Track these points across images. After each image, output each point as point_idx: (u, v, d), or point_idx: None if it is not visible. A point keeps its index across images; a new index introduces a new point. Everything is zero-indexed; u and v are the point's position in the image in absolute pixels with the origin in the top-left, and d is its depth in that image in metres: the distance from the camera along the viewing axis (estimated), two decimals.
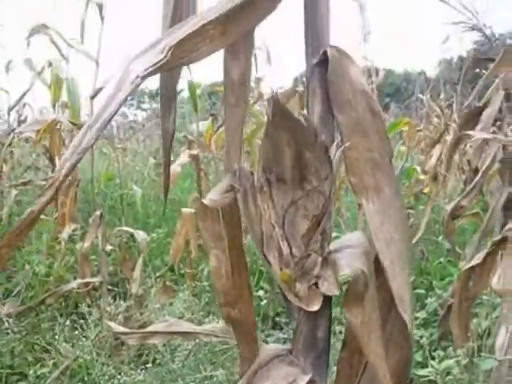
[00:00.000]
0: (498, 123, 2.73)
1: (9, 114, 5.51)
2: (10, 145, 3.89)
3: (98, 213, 3.14)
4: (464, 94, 5.56)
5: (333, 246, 0.87)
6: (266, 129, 0.78)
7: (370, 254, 0.86)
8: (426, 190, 4.34)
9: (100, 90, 2.96)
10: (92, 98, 3.00)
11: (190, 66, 3.04)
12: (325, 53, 0.83)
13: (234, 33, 0.81)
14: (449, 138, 5.74)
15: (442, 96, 6.75)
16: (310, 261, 0.83)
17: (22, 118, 7.44)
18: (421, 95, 7.26)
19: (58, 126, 3.95)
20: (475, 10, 3.00)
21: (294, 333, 0.88)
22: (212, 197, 0.82)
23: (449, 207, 2.73)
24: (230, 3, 0.79)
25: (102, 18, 3.03)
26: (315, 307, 0.83)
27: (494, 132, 2.85)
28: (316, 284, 0.83)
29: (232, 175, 0.82)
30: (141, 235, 3.17)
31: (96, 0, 3.07)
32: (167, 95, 1.03)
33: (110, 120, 0.75)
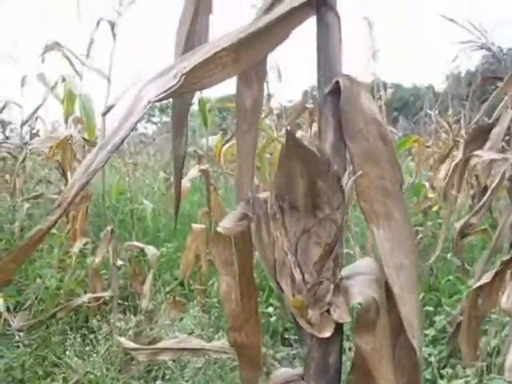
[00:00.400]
0: (507, 138, 2.73)
1: (22, 127, 5.55)
2: (23, 161, 3.91)
3: (109, 228, 3.15)
4: (472, 109, 5.56)
5: (344, 272, 0.87)
6: (279, 159, 0.79)
7: (380, 280, 0.87)
8: (435, 208, 4.33)
9: (112, 107, 2.98)
10: (104, 114, 3.03)
11: None
12: (337, 82, 0.84)
13: (247, 61, 0.82)
14: (457, 153, 5.75)
15: (450, 112, 6.75)
16: (323, 288, 0.83)
17: (35, 131, 7.51)
18: (429, 111, 7.26)
19: (70, 141, 3.98)
20: (483, 28, 3.01)
21: (306, 358, 0.88)
22: (225, 225, 0.83)
23: (458, 225, 2.72)
24: (243, 32, 0.80)
25: (114, 36, 3.06)
26: (327, 334, 0.83)
27: (502, 147, 2.85)
28: (328, 311, 0.84)
29: (245, 203, 0.83)
30: (151, 250, 3.18)
31: (108, 18, 3.10)
32: (179, 119, 1.04)
33: (121, 143, 0.76)
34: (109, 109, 2.98)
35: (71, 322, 3.54)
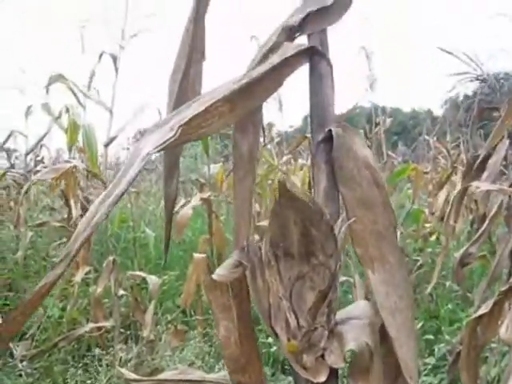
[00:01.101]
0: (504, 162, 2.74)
1: (26, 156, 5.58)
2: (26, 192, 3.93)
3: (110, 258, 3.15)
4: (471, 136, 5.58)
5: (339, 315, 0.87)
6: (273, 208, 0.79)
7: (375, 324, 0.87)
8: (434, 235, 4.32)
9: (114, 138, 3.01)
10: (106, 145, 3.05)
11: None
12: (329, 130, 0.85)
13: (243, 110, 0.83)
14: (456, 178, 5.76)
15: (448, 138, 6.78)
16: (317, 333, 0.83)
17: (39, 158, 7.55)
18: (427, 137, 7.29)
19: (73, 170, 3.99)
20: (478, 59, 3.03)
21: None
22: (220, 272, 0.83)
23: (457, 255, 2.72)
24: (238, 83, 0.81)
25: (116, 69, 3.09)
26: (322, 379, 0.83)
27: (501, 171, 2.86)
28: (322, 356, 0.84)
29: (240, 251, 0.83)
30: (153, 280, 3.18)
31: (110, 51, 3.14)
32: (170, 164, 1.05)
33: (122, 195, 0.77)
34: (111, 140, 3.01)
35: (73, 351, 3.53)
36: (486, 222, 2.65)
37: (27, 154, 5.49)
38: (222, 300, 0.87)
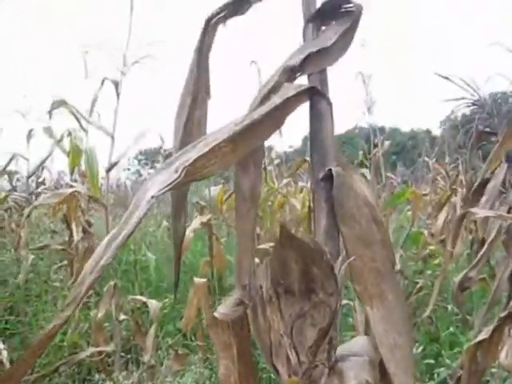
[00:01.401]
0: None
1: (28, 179, 5.59)
2: (28, 216, 3.94)
3: (112, 283, 3.15)
4: (470, 157, 5.59)
5: (339, 351, 0.88)
6: (274, 247, 0.80)
7: (374, 360, 0.87)
8: (434, 257, 4.31)
9: (115, 163, 3.02)
10: (108, 171, 3.06)
11: None
12: (330, 169, 0.86)
13: (245, 149, 0.84)
14: (455, 199, 5.76)
15: (447, 159, 6.80)
16: (318, 370, 0.83)
17: (41, 180, 7.56)
18: (426, 158, 7.31)
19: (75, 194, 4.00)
20: (475, 84, 3.06)
21: None
22: (222, 310, 0.84)
23: (457, 279, 2.72)
24: (240, 124, 0.82)
25: (118, 95, 3.11)
26: None
27: (501, 192, 2.86)
28: None
29: (242, 289, 0.84)
30: (153, 304, 3.17)
31: (112, 77, 3.16)
32: (178, 201, 1.06)
33: (129, 236, 0.78)
34: (112, 165, 3.02)
35: (74, 376, 3.50)
36: (485, 246, 2.65)
37: (29, 177, 5.50)
38: (223, 338, 0.87)
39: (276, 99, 0.85)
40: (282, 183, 4.88)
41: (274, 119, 0.86)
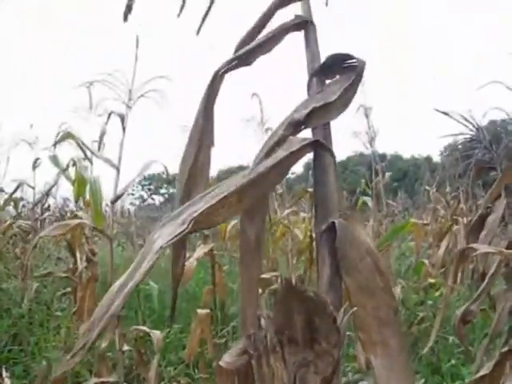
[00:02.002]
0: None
1: (34, 208, 5.62)
2: (35, 246, 3.95)
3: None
4: (471, 187, 5.61)
5: None
6: (277, 299, 0.82)
7: None
8: (436, 288, 4.31)
9: (120, 195, 3.04)
10: (113, 203, 3.08)
11: None
12: (333, 222, 0.88)
13: (250, 200, 0.86)
14: (457, 228, 5.76)
15: (448, 188, 6.81)
16: None
17: (46, 206, 7.59)
18: (427, 187, 7.33)
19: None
20: (474, 119, 3.09)
21: None
22: (227, 359, 0.85)
23: (459, 312, 2.72)
24: (246, 177, 0.85)
25: (124, 129, 3.14)
26: None
27: (502, 219, 2.87)
28: None
29: (247, 339, 0.85)
30: (156, 335, 3.16)
31: (118, 111, 3.19)
32: (178, 245, 1.07)
33: (137, 286, 0.79)
34: (117, 197, 3.04)
35: None
36: (486, 280, 2.66)
37: (34, 205, 5.53)
38: None
39: (281, 153, 0.87)
40: (285, 213, 4.90)
41: (278, 171, 0.88)
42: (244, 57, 1.02)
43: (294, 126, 0.91)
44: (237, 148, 5.72)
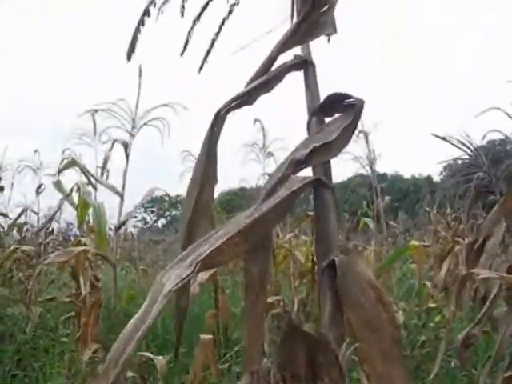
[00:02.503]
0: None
1: (37, 234, 5.64)
2: (39, 273, 3.96)
3: None
4: (469, 207, 5.62)
5: None
6: (280, 337, 0.83)
7: None
8: (438, 318, 4.30)
9: (124, 222, 3.07)
10: (116, 230, 3.11)
11: None
12: (333, 259, 0.90)
13: (254, 238, 0.88)
14: (459, 248, 5.75)
15: (448, 210, 6.83)
16: None
17: (49, 230, 7.61)
18: (428, 208, 7.35)
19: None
20: (472, 142, 3.12)
21: None
22: None
23: (460, 336, 2.72)
24: (250, 217, 0.86)
25: (127, 156, 3.17)
26: None
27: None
28: None
29: (250, 376, 0.86)
30: (160, 361, 3.16)
31: (121, 139, 3.23)
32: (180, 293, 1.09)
33: (149, 329, 0.80)
34: (121, 224, 3.07)
35: None
36: (487, 304, 2.66)
37: (39, 230, 5.55)
38: None
39: (283, 192, 0.89)
40: (287, 237, 4.91)
41: (281, 209, 0.90)
42: (245, 97, 1.05)
43: (295, 165, 0.93)
44: (239, 171, 5.75)
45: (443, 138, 2.99)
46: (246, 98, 1.05)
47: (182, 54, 1.25)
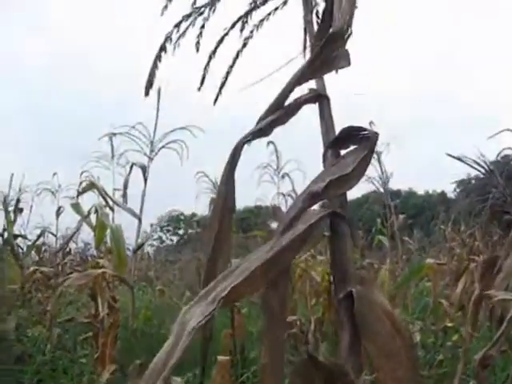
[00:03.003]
0: None
1: (56, 254, 5.70)
2: (59, 295, 4.00)
3: (137, 362, 3.16)
4: (485, 224, 5.59)
5: None
6: (297, 366, 0.85)
7: None
8: (455, 337, 4.26)
9: (142, 245, 3.10)
10: (134, 252, 3.15)
11: None
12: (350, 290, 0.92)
13: (275, 271, 0.91)
14: (472, 266, 5.72)
15: (462, 227, 6.80)
16: None
17: (67, 250, 7.68)
18: (443, 226, 7.32)
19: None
20: (486, 163, 3.12)
21: None
22: None
23: (477, 357, 2.70)
24: (269, 252, 0.89)
25: (145, 179, 3.22)
26: None
27: None
28: None
29: None
30: (177, 382, 3.16)
31: (140, 163, 3.28)
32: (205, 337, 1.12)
33: (174, 366, 0.82)
34: (139, 247, 3.10)
35: None
36: (504, 324, 2.65)
37: (57, 252, 5.61)
38: None
39: (301, 226, 0.92)
40: (302, 257, 4.92)
41: (299, 242, 0.93)
42: (263, 130, 1.08)
43: (312, 198, 0.96)
44: (254, 190, 5.79)
45: (458, 159, 3.00)
46: (263, 131, 1.08)
47: (199, 89, 1.29)
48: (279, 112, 1.09)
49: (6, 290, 5.62)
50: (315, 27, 1.24)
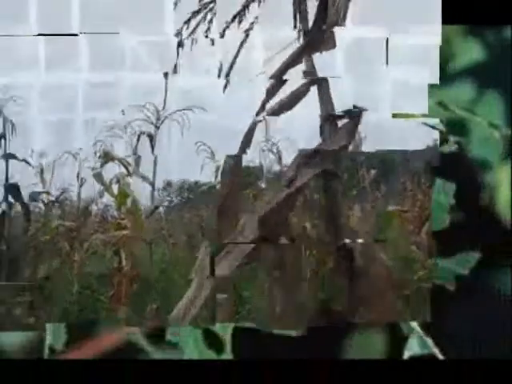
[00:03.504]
0: None
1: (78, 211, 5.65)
2: (87, 251, 4.02)
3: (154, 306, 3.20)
4: None
5: None
6: None
7: None
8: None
9: (156, 208, 3.14)
10: (148, 216, 3.19)
11: None
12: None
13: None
14: None
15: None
16: None
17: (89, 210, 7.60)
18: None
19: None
20: None
21: None
22: None
23: None
24: (272, 204, 0.92)
25: (153, 148, 3.21)
26: None
27: None
28: None
29: None
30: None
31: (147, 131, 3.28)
32: None
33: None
34: (153, 211, 3.12)
35: None
36: None
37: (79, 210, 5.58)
38: None
39: (298, 182, 0.94)
40: None
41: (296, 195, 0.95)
42: (274, 112, 1.10)
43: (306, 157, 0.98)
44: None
45: None
46: (274, 113, 1.11)
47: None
48: (286, 99, 1.11)
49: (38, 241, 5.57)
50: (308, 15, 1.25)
